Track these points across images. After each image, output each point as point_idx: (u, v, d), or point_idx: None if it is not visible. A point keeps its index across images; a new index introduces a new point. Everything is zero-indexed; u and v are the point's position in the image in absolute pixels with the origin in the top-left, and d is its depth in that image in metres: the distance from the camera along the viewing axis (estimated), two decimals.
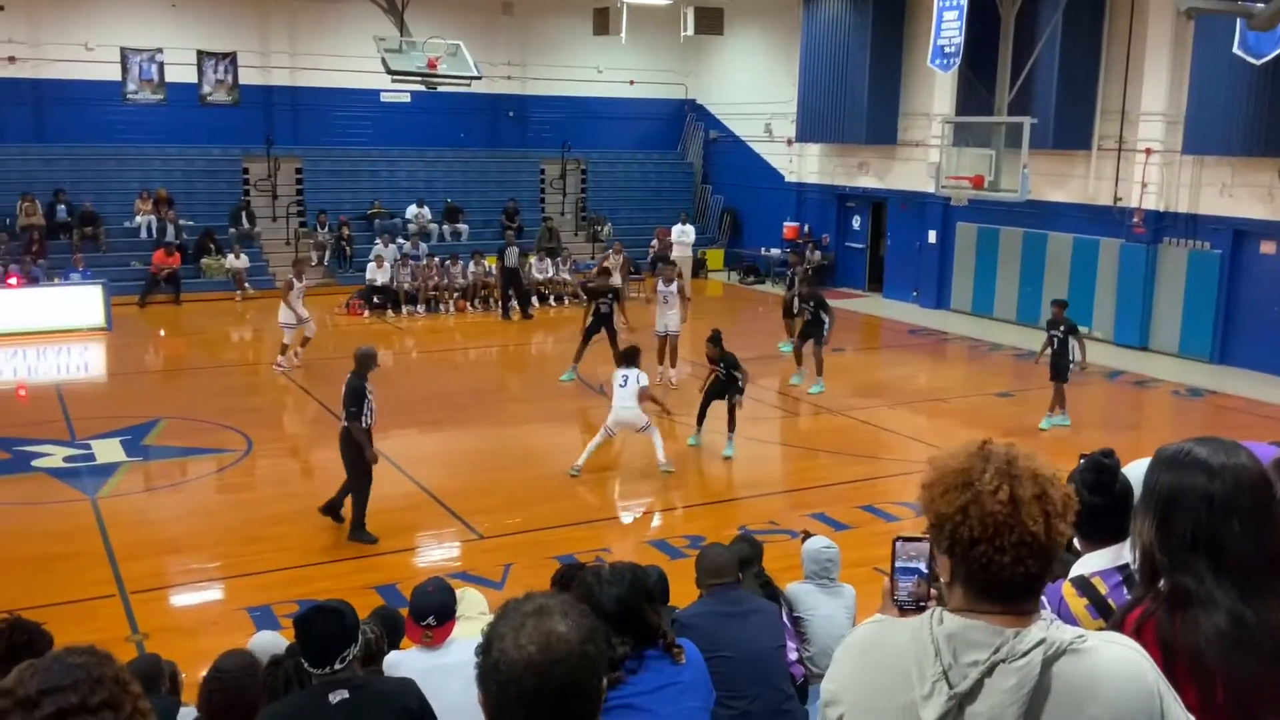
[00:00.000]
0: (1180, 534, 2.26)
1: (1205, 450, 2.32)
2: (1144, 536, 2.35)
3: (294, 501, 10.84)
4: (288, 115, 24.91)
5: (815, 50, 23.75)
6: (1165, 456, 2.39)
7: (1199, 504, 2.25)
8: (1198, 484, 2.27)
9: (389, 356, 19.09)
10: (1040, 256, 20.17)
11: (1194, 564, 2.24)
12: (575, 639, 1.81)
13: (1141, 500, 2.40)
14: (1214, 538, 2.23)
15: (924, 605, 2.25)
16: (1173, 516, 2.28)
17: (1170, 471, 2.33)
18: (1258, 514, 2.24)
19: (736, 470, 12.73)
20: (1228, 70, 15.71)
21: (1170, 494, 2.31)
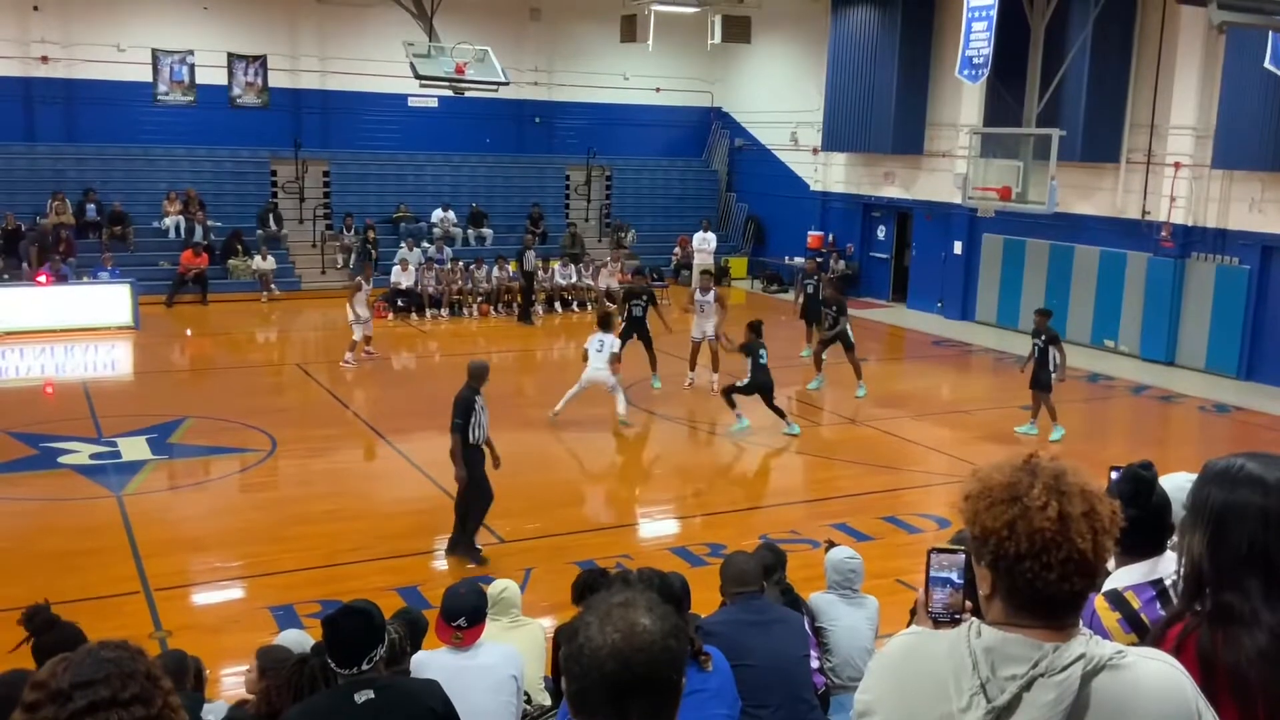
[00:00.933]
0: (1234, 550, 2.23)
1: (1258, 466, 2.29)
2: (1194, 551, 2.32)
3: (317, 502, 10.89)
4: (316, 118, 25.08)
5: (842, 59, 23.72)
6: (1216, 471, 2.35)
7: (1254, 520, 2.22)
8: (1253, 500, 2.23)
9: (413, 359, 19.21)
10: (1067, 269, 20.05)
11: (1245, 581, 2.21)
12: (659, 632, 1.82)
13: (1191, 515, 2.36)
14: (1268, 554, 2.20)
15: (959, 617, 2.23)
16: (1225, 532, 2.25)
17: (1222, 487, 2.30)
18: None
19: (757, 479, 12.72)
20: (1259, 85, 15.59)
21: (1223, 509, 2.27)
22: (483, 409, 9.35)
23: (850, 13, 23.41)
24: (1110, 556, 1.92)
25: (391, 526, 10.11)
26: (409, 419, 14.07)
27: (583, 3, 25.26)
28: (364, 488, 11.53)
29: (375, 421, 13.76)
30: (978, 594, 2.07)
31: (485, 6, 24.23)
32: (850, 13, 23.41)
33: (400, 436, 13.17)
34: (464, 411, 9.20)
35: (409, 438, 13.20)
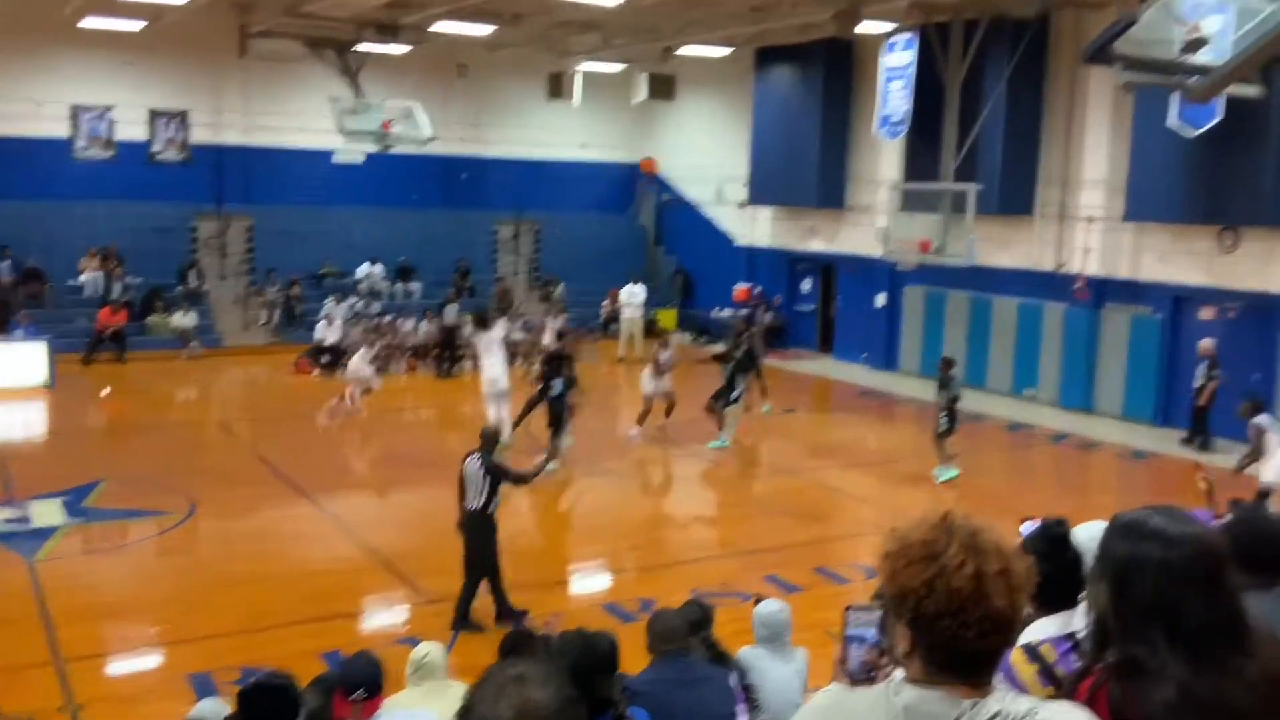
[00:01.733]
0: (1136, 603, 2.26)
1: (1162, 519, 2.32)
2: (1099, 603, 2.35)
3: (238, 564, 10.61)
4: (239, 174, 24.81)
5: (766, 116, 24.17)
6: (1122, 524, 2.39)
7: (1156, 573, 2.25)
8: (1154, 553, 2.26)
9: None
10: (986, 320, 20.50)
11: (1148, 633, 2.23)
12: (553, 707, 1.80)
13: (1097, 567, 2.40)
14: (1170, 607, 2.22)
15: (874, 675, 2.25)
16: (1129, 585, 2.28)
17: (1127, 540, 2.33)
18: (1212, 584, 2.25)
19: (689, 532, 12.71)
20: (1166, 140, 16.17)
21: (1126, 562, 2.30)
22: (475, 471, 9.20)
23: (772, 72, 23.91)
24: (1024, 614, 1.94)
25: (314, 588, 9.89)
26: (334, 476, 13.86)
27: (510, 60, 25.44)
28: (287, 549, 11.27)
29: (299, 480, 13.50)
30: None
31: (412, 63, 24.26)
32: (772, 72, 23.91)
33: (325, 495, 12.94)
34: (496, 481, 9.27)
35: (334, 496, 12.98)
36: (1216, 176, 15.91)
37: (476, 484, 9.11)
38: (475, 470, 9.13)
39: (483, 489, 9.09)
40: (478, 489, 9.10)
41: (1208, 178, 16.04)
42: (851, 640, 2.34)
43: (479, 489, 9.10)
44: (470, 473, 9.15)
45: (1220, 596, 2.25)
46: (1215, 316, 17.24)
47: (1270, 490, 11.66)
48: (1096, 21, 16.84)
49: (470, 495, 9.14)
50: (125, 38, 21.90)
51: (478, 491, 9.10)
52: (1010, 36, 18.14)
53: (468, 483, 9.16)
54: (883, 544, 2.01)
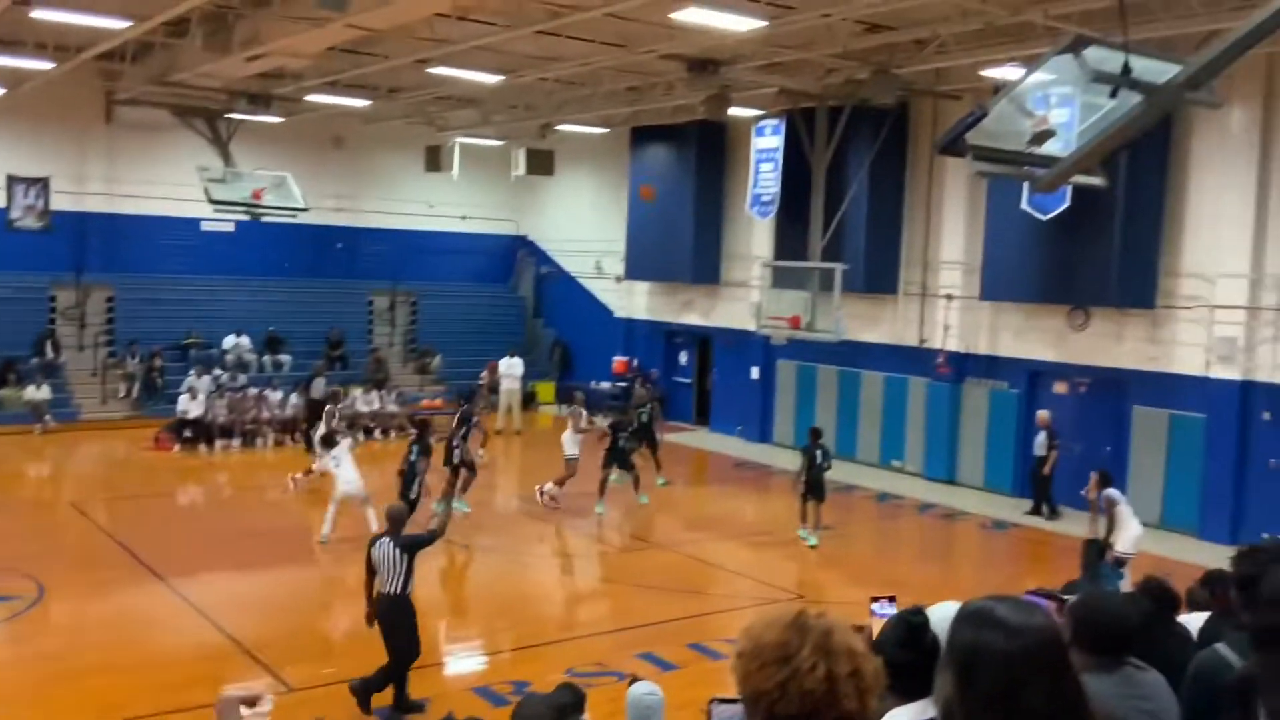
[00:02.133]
0: (979, 692, 2.29)
1: (1007, 609, 2.36)
2: (944, 692, 2.38)
3: (89, 654, 10.08)
4: (102, 242, 24.01)
5: None
6: (967, 613, 2.43)
7: (998, 664, 2.28)
8: (997, 643, 2.29)
9: (200, 493, 18.26)
10: (855, 393, 21.06)
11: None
12: None
13: (944, 656, 2.44)
14: (1011, 697, 2.25)
15: None
16: (973, 674, 2.30)
17: (971, 629, 2.36)
18: (1054, 673, 2.29)
19: (564, 609, 12.60)
20: (1018, 224, 17.06)
21: (969, 652, 2.33)
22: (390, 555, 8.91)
23: (648, 150, 24.41)
24: (875, 717, 1.97)
25: (171, 678, 9.44)
26: (192, 559, 13.32)
27: (387, 132, 25.39)
28: (141, 636, 10.76)
29: (156, 563, 12.92)
30: None
31: (285, 133, 24.01)
32: (648, 150, 24.41)
33: (183, 578, 12.41)
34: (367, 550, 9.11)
35: (192, 579, 12.46)
36: (1066, 259, 16.80)
37: (394, 566, 8.84)
38: (390, 552, 8.88)
39: (400, 570, 8.84)
40: (395, 571, 8.84)
41: (1058, 260, 16.92)
42: None
43: (397, 571, 8.84)
44: (384, 556, 8.88)
45: (1061, 685, 2.30)
46: (1068, 391, 18.07)
47: (1126, 560, 12.18)
48: (952, 110, 17.73)
49: (387, 579, 8.85)
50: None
51: (396, 574, 8.84)
52: (872, 123, 18.94)
53: (381, 567, 8.88)
54: (738, 643, 2.03)
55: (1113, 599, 3.67)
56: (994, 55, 14.85)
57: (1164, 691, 3.46)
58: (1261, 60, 14.61)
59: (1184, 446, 16.15)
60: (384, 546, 8.95)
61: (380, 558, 8.92)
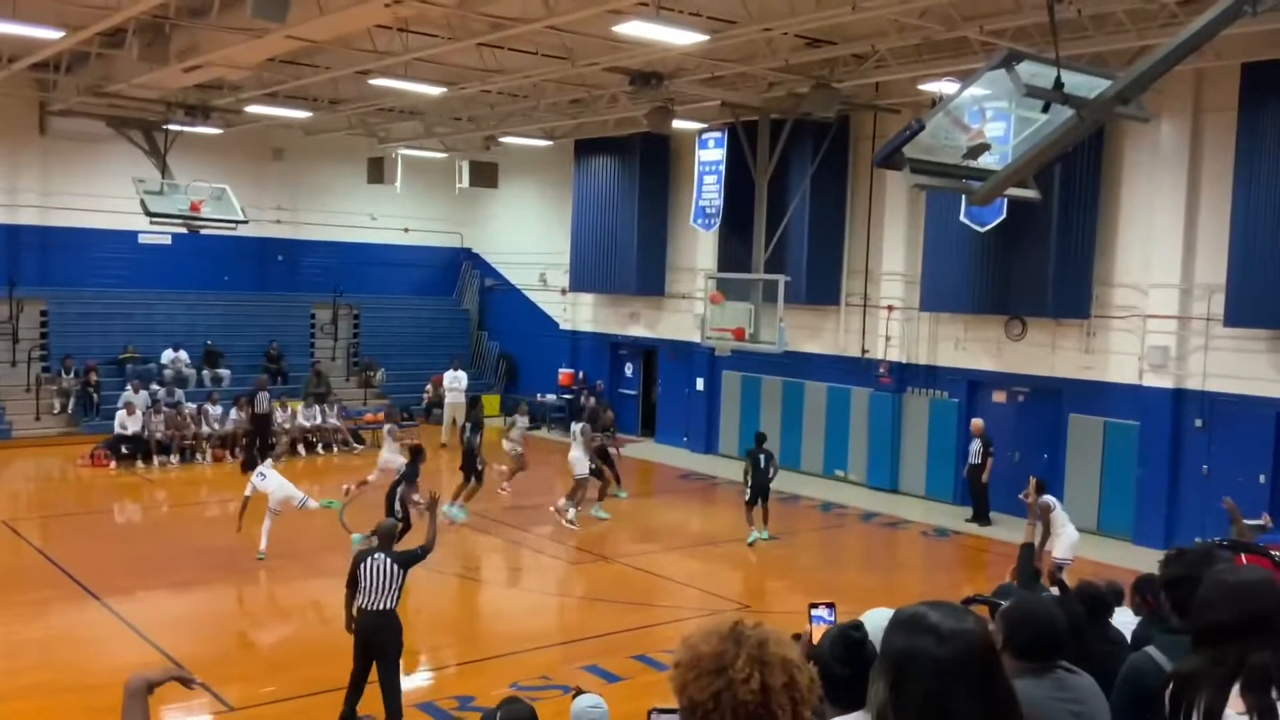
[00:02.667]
0: (911, 697, 2.30)
1: (939, 615, 2.38)
2: (878, 699, 2.39)
3: (23, 675, 9.85)
4: (35, 255, 23.50)
5: (586, 205, 24.64)
6: (900, 620, 2.45)
7: (928, 670, 2.29)
8: (929, 649, 2.31)
9: (138, 510, 17.93)
10: (799, 403, 21.23)
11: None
12: None
13: (877, 662, 2.46)
14: (943, 703, 2.27)
15: None
16: (904, 681, 2.32)
17: (903, 635, 2.38)
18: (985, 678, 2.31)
19: (510, 623, 12.53)
20: (956, 236, 17.34)
21: (901, 657, 2.35)
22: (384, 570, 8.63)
23: (592, 162, 24.44)
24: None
25: (106, 698, 9.11)
26: (129, 578, 13.07)
27: (328, 144, 25.17)
28: (77, 656, 10.51)
29: (91, 582, 12.65)
30: None
31: (224, 145, 23.71)
32: (592, 162, 24.44)
33: (119, 597, 12.17)
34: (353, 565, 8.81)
35: (129, 598, 12.23)
36: (1003, 270, 17.12)
37: (387, 582, 8.61)
38: (384, 567, 8.63)
39: (395, 586, 8.65)
40: (389, 587, 8.61)
41: (995, 272, 17.23)
42: None
43: (390, 587, 8.62)
44: (376, 571, 8.62)
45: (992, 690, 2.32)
46: (1006, 399, 18.37)
47: (1063, 565, 12.38)
48: (892, 124, 18.01)
49: (378, 595, 8.60)
50: None
51: (389, 590, 8.62)
52: (813, 136, 19.17)
53: (375, 583, 8.61)
54: (675, 653, 2.05)
55: (1043, 603, 3.74)
56: (931, 70, 15.12)
57: (1095, 694, 3.53)
58: (1190, 75, 15.01)
59: (1119, 453, 16.50)
60: (377, 561, 8.68)
61: (372, 573, 8.63)
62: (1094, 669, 3.72)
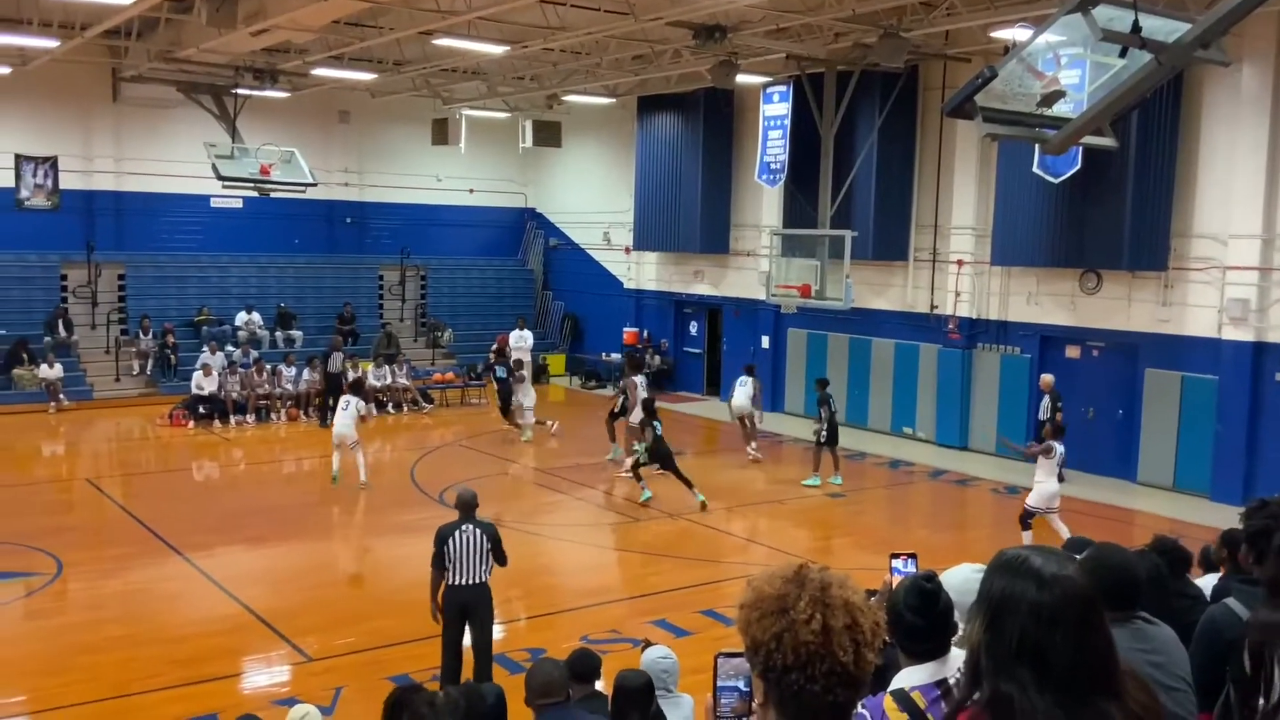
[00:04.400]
0: (1007, 640, 2.27)
1: (1039, 559, 2.34)
2: (973, 639, 2.36)
3: (107, 627, 10.19)
4: (111, 220, 24.08)
5: (650, 163, 24.51)
6: (1002, 561, 2.40)
7: (1026, 613, 2.26)
8: (1028, 593, 2.27)
9: (215, 469, 18.38)
10: (866, 361, 21.03)
11: (1018, 672, 2.24)
12: None
13: (975, 602, 2.41)
14: (1038, 647, 2.24)
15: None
16: (1001, 622, 2.28)
17: (1004, 577, 2.34)
18: (1082, 627, 2.27)
19: (578, 578, 12.66)
20: (1029, 187, 16.94)
21: (1001, 600, 2.31)
22: (474, 542, 8.38)
23: (655, 119, 24.28)
24: (873, 669, 1.98)
25: (188, 650, 9.55)
26: (209, 534, 13.43)
27: (393, 106, 25.32)
28: (159, 609, 10.86)
29: (173, 538, 13.04)
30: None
31: (292, 108, 23.97)
32: (655, 119, 24.28)
33: (200, 552, 12.52)
34: (438, 543, 8.43)
35: (209, 553, 12.57)
36: (1077, 222, 16.71)
37: (476, 552, 8.35)
38: (474, 539, 8.36)
39: (485, 557, 8.42)
40: (478, 559, 8.37)
41: (1069, 224, 16.82)
42: (722, 690, 2.39)
43: (479, 558, 8.38)
44: (465, 543, 8.34)
45: (1091, 638, 2.28)
46: (1080, 355, 18.02)
47: (1034, 513, 12.53)
48: (961, 73, 17.60)
49: (469, 568, 8.35)
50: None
51: (479, 562, 8.38)
52: (881, 87, 18.82)
53: (466, 556, 8.34)
54: (741, 594, 2.05)
55: (1122, 553, 3.67)
56: (1003, 16, 14.73)
57: (1174, 646, 3.47)
58: (1272, 17, 14.44)
59: (1196, 409, 16.11)
60: (465, 534, 8.37)
61: (461, 546, 8.34)
62: (1172, 623, 3.65)
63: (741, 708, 2.41)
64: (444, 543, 8.35)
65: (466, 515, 8.55)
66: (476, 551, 8.37)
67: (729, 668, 2.42)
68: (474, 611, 8.47)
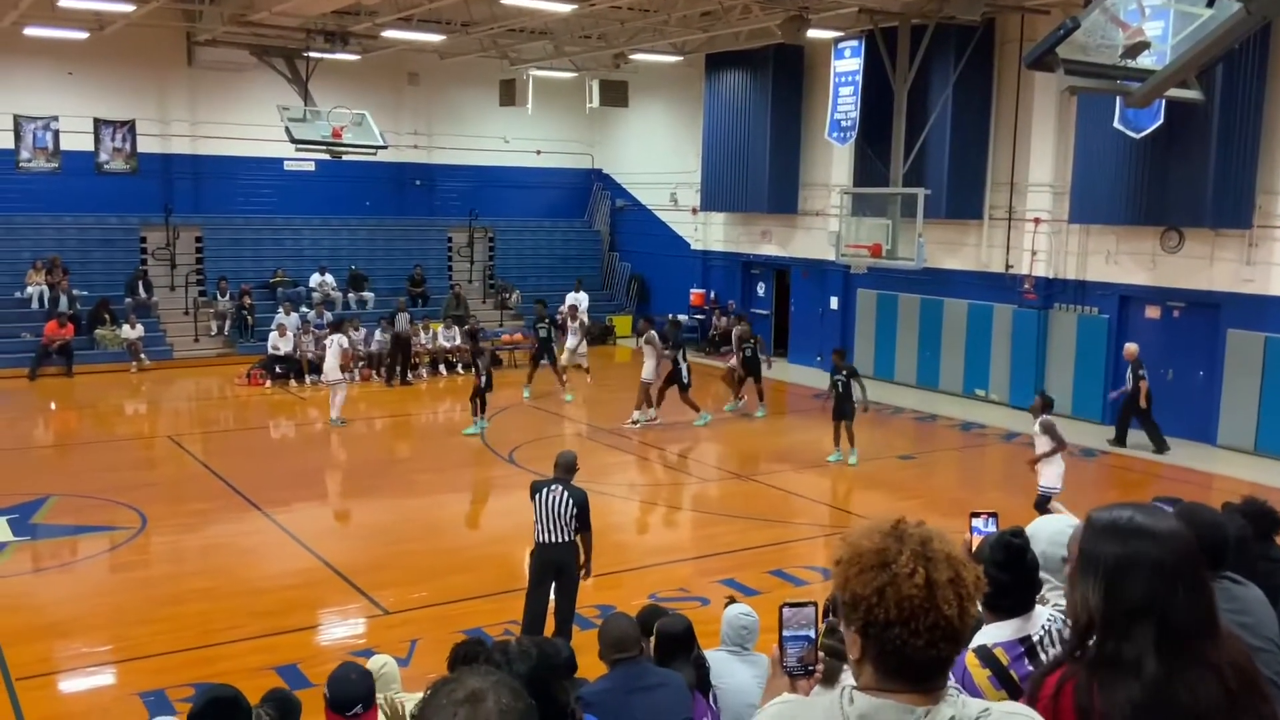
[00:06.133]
0: (1128, 601, 2.24)
1: (1145, 517, 2.32)
2: (1089, 603, 2.31)
3: (190, 580, 10.48)
4: (188, 183, 24.55)
5: (717, 122, 24.29)
6: (1104, 524, 2.36)
7: (1150, 571, 2.24)
8: (1149, 552, 2.25)
9: (292, 427, 18.76)
10: (937, 322, 20.73)
11: (1133, 630, 2.23)
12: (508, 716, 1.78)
13: (1084, 569, 2.35)
14: (1162, 605, 2.22)
15: (812, 669, 2.30)
16: (1122, 584, 2.25)
17: (1114, 540, 2.30)
18: (1197, 581, 2.27)
19: (646, 537, 12.74)
20: (1110, 143, 16.49)
21: (1119, 562, 2.27)
22: (559, 502, 8.45)
23: (723, 77, 24.02)
24: (974, 622, 1.96)
25: (268, 602, 9.80)
26: (287, 490, 13.73)
27: (461, 67, 25.38)
28: (239, 563, 11.15)
29: (252, 493, 13.36)
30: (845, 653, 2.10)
31: (362, 71, 24.13)
32: (723, 77, 24.02)
33: (278, 508, 12.81)
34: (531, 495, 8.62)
35: (287, 509, 12.86)
36: (1159, 179, 16.23)
37: (561, 514, 8.46)
38: (561, 500, 8.45)
39: (570, 518, 8.49)
40: (563, 520, 8.47)
41: (1150, 180, 16.35)
42: (787, 640, 2.39)
43: (564, 520, 8.47)
44: (553, 504, 8.45)
45: (1202, 592, 2.28)
46: (1160, 315, 17.58)
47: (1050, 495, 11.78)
48: (1040, 25, 17.13)
49: (559, 528, 8.47)
50: (69, 47, 21.60)
51: (565, 523, 8.48)
52: (956, 41, 18.40)
53: (549, 515, 8.46)
54: (835, 550, 2.03)
55: (1209, 511, 3.59)
56: None
57: (1262, 606, 3.39)
58: None
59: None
60: (553, 492, 8.46)
61: (546, 504, 8.45)
62: (1259, 585, 3.56)
63: (809, 657, 2.41)
64: (533, 496, 8.57)
65: (561, 476, 8.65)
66: (559, 512, 8.46)
67: (794, 617, 2.42)
68: (563, 570, 8.58)
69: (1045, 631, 3.08)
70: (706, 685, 5.46)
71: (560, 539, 8.52)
